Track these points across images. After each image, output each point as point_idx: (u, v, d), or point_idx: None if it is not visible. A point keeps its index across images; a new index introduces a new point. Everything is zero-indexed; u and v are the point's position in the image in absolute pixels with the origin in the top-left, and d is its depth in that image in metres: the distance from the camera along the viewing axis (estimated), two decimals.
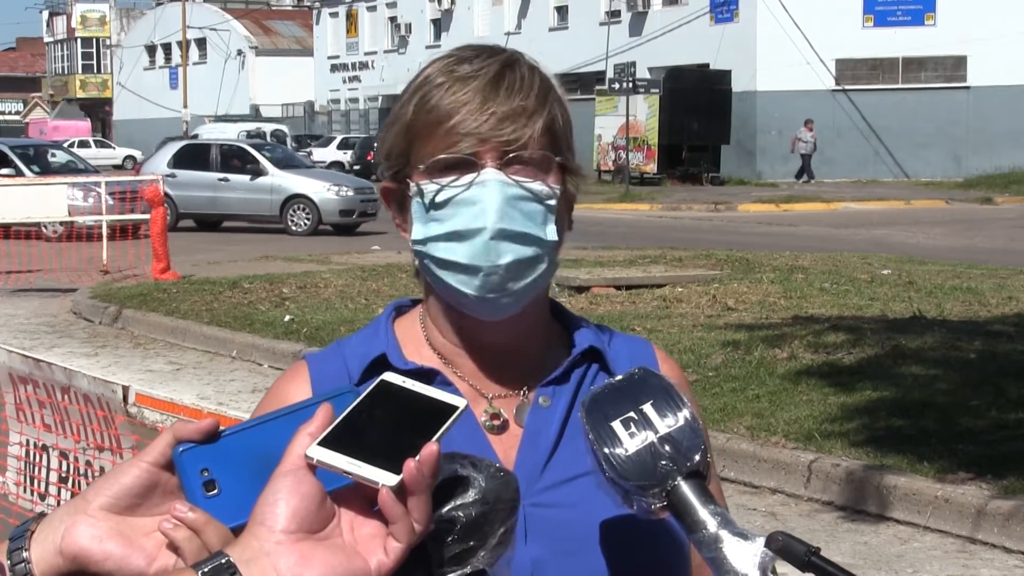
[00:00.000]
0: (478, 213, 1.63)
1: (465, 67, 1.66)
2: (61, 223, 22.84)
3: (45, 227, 23.96)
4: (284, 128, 47.53)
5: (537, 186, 1.65)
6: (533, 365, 1.74)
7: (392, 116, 1.71)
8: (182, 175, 27.84)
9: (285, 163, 28.58)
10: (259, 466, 1.31)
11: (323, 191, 27.08)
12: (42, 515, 1.34)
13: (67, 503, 1.34)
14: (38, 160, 28.77)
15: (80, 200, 23.03)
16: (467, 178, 1.63)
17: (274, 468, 1.29)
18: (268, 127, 47.77)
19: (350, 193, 26.97)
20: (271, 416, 1.35)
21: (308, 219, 27.00)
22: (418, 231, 1.67)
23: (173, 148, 29.86)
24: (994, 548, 6.82)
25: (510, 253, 1.64)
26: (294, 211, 27.21)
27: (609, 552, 1.65)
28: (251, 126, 47.45)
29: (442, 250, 1.65)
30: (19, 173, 26.66)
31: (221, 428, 1.32)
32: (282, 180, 27.34)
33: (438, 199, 1.64)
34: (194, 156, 28.73)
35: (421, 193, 1.66)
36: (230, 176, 27.76)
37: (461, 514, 1.30)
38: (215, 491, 1.30)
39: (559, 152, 1.67)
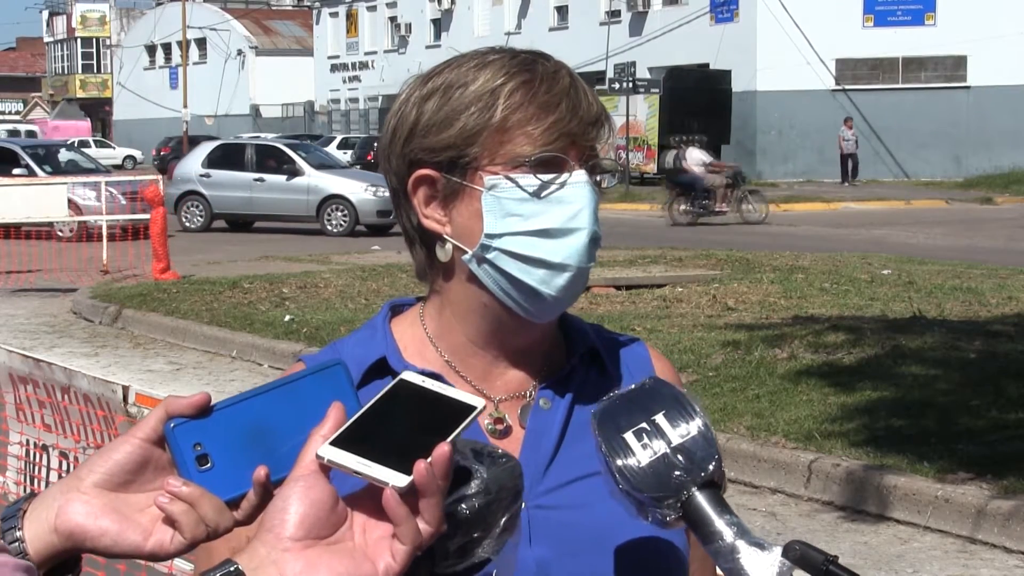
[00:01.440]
0: (575, 213, 1.63)
1: (540, 68, 1.66)
2: (76, 223, 22.82)
3: (59, 227, 23.84)
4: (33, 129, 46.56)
5: (599, 192, 1.68)
6: (537, 366, 1.74)
7: (451, 106, 1.65)
8: (216, 175, 27.68)
9: (321, 163, 28.27)
10: (251, 439, 1.31)
11: (360, 191, 26.81)
12: (32, 495, 1.34)
13: (59, 481, 1.34)
14: (49, 160, 28.66)
15: (93, 200, 23.07)
16: (561, 177, 1.63)
17: (266, 441, 1.29)
18: (23, 127, 46.90)
19: (387, 194, 26.72)
20: (262, 389, 1.34)
21: (345, 220, 26.66)
22: (493, 225, 1.64)
23: (207, 148, 29.59)
24: (994, 548, 6.82)
25: (594, 255, 1.66)
26: (331, 212, 26.91)
27: (613, 552, 1.66)
28: (9, 126, 46.90)
29: (524, 246, 1.63)
30: (31, 173, 26.56)
31: (212, 402, 1.33)
32: (319, 180, 27.02)
33: (533, 194, 1.63)
34: (229, 156, 28.46)
35: (507, 185, 1.63)
36: (266, 176, 27.49)
37: (464, 507, 1.29)
38: (208, 465, 1.30)
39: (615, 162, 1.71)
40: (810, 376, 9.78)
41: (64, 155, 29.94)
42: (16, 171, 26.69)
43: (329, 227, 26.76)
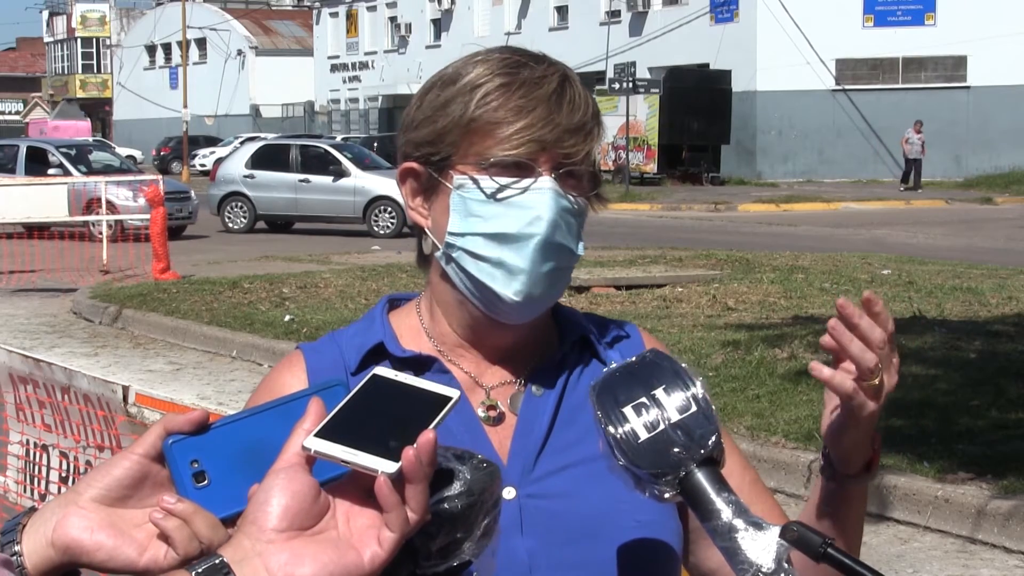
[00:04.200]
0: (532, 219, 1.63)
1: (526, 72, 1.66)
2: (114, 223, 22.87)
3: (93, 227, 23.79)
4: None
5: (580, 201, 1.68)
6: (529, 356, 1.75)
7: (436, 103, 1.67)
8: (261, 176, 27.57)
9: (367, 164, 28.02)
10: (249, 457, 1.32)
11: None
12: (33, 509, 1.36)
13: (59, 496, 1.36)
14: (82, 159, 28.55)
15: (130, 200, 23.08)
16: (524, 182, 1.63)
17: (264, 459, 1.30)
18: None
19: None
20: (261, 408, 1.36)
21: (393, 221, 26.36)
22: (456, 223, 1.66)
23: (251, 149, 29.38)
24: (994, 548, 6.82)
25: (552, 262, 1.66)
26: (378, 213, 26.64)
27: (603, 541, 1.67)
28: None
29: (483, 247, 1.65)
30: (66, 172, 26.46)
31: (211, 420, 1.34)
32: (365, 182, 26.76)
33: (490, 196, 1.64)
34: (273, 157, 28.26)
35: (471, 186, 1.64)
36: (311, 177, 27.28)
37: (447, 507, 1.30)
38: (205, 482, 1.31)
39: (596, 171, 1.70)
40: (810, 376, 9.74)
41: (96, 155, 29.91)
42: (51, 171, 26.62)
43: (376, 228, 26.45)
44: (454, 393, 1.30)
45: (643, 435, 1.42)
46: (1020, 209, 32.26)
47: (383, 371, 1.33)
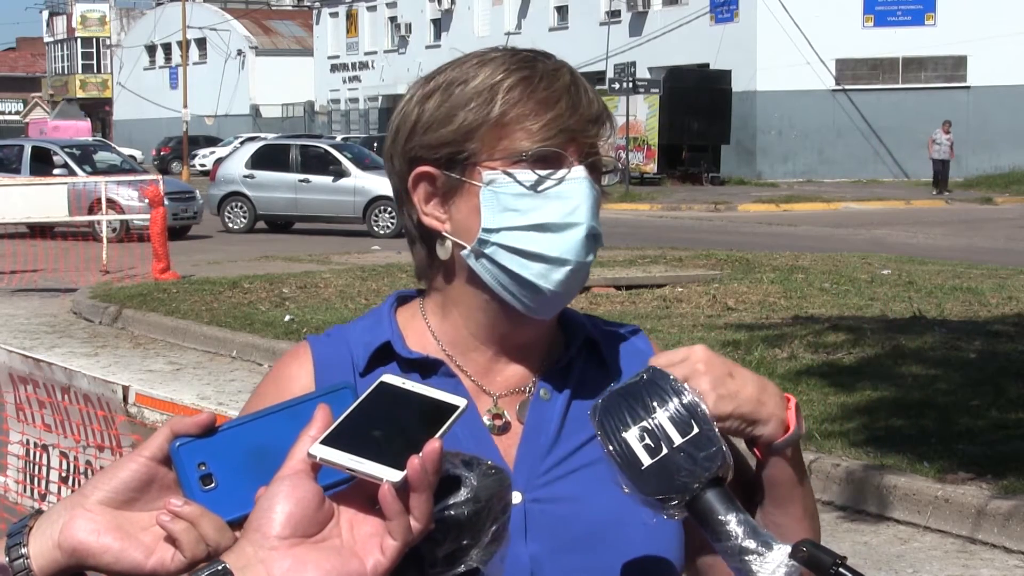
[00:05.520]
0: (573, 208, 1.63)
1: (541, 65, 1.67)
2: (118, 223, 22.84)
3: (97, 227, 23.74)
4: None
5: (599, 190, 1.68)
6: (537, 362, 1.74)
7: (452, 102, 1.65)
8: (261, 176, 27.55)
9: (367, 164, 27.92)
10: (256, 460, 1.32)
11: None
12: (39, 511, 1.36)
13: (65, 498, 1.36)
14: (86, 159, 28.51)
15: (136, 200, 23.08)
16: (560, 173, 1.63)
17: (271, 462, 1.30)
18: None
19: None
20: (268, 411, 1.36)
21: (392, 221, 26.21)
22: (490, 219, 1.64)
23: (251, 149, 29.30)
24: (994, 548, 6.82)
25: (592, 251, 1.66)
26: (378, 213, 26.56)
27: (608, 546, 1.66)
28: None
29: (522, 240, 1.63)
30: (71, 172, 26.41)
31: (218, 423, 1.34)
32: (365, 182, 26.68)
33: (531, 188, 1.63)
34: (273, 157, 28.21)
35: (505, 180, 1.63)
36: (311, 177, 27.25)
37: (454, 513, 1.30)
38: (212, 485, 1.31)
39: (615, 161, 1.71)
40: (810, 376, 9.78)
41: (100, 155, 29.88)
42: (56, 171, 26.60)
43: (376, 228, 26.41)
44: (461, 402, 1.30)
45: (646, 461, 1.41)
46: (1020, 209, 32.26)
47: (391, 379, 1.33)
